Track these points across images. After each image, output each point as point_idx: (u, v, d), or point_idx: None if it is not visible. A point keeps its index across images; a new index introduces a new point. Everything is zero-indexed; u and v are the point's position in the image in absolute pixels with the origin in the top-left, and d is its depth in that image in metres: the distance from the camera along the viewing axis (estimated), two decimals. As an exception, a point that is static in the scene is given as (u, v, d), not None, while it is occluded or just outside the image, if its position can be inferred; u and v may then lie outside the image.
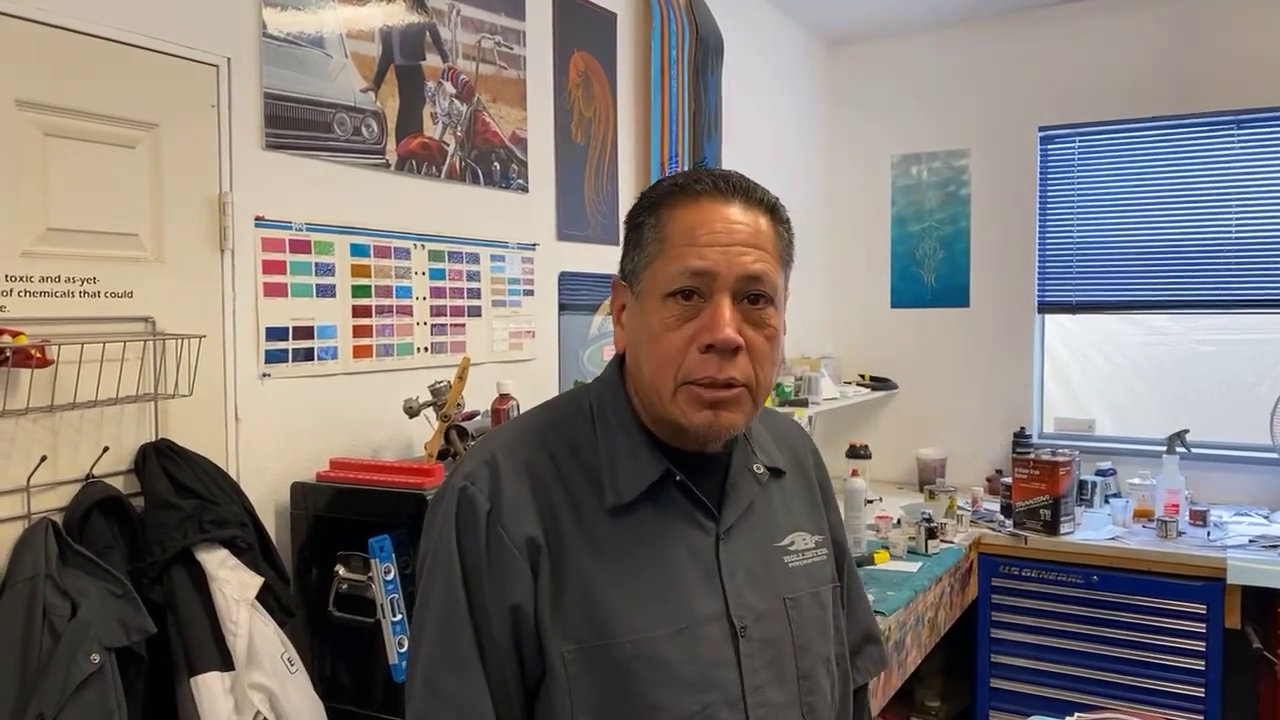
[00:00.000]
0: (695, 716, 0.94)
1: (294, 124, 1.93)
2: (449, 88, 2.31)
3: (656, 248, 0.98)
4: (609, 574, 0.96)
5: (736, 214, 0.98)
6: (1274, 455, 3.41)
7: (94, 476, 1.57)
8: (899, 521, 3.12)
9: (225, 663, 1.54)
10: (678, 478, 1.00)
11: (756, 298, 0.97)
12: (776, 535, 1.07)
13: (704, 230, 0.96)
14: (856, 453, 3.58)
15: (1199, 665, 3.02)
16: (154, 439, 1.67)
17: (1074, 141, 3.92)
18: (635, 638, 0.94)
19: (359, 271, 2.08)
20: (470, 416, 2.11)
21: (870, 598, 2.46)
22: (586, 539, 0.96)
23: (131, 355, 1.62)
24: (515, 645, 0.95)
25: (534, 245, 2.59)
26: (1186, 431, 3.45)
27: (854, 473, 3.11)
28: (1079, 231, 3.93)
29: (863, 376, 4.21)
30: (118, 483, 1.61)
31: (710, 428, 0.96)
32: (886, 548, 2.98)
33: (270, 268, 1.89)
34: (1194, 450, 3.47)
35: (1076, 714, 1.79)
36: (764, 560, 1.04)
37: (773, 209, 1.01)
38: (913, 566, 2.89)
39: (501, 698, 0.94)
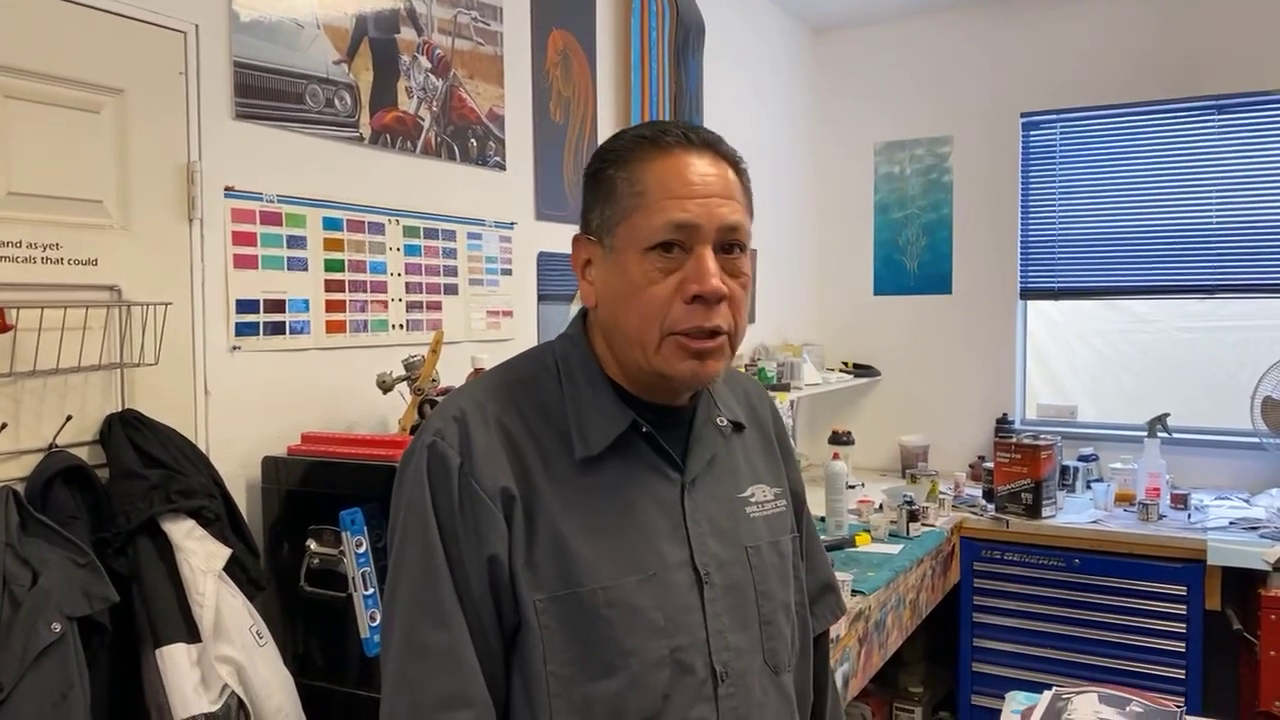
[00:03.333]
0: (664, 660, 0.97)
1: (265, 94, 1.90)
2: (424, 62, 2.28)
3: (634, 201, 0.98)
4: (579, 525, 0.97)
5: (708, 166, 0.99)
6: (1255, 440, 3.42)
7: (57, 446, 1.54)
8: (880, 506, 3.11)
9: (192, 634, 1.51)
10: (644, 429, 1.02)
11: (731, 247, 0.99)
12: (738, 486, 1.09)
13: (681, 183, 0.97)
14: (839, 439, 3.58)
15: (1180, 647, 3.03)
16: (120, 409, 1.64)
17: (1056, 127, 3.92)
18: (605, 585, 0.95)
19: (332, 245, 2.05)
20: (445, 391, 2.09)
21: (851, 577, 2.50)
22: (556, 491, 0.97)
23: (95, 323, 1.59)
24: (493, 595, 0.95)
25: (512, 224, 2.57)
26: (1167, 415, 3.45)
27: (835, 456, 3.10)
28: (1061, 218, 3.93)
29: (845, 363, 4.20)
30: (83, 453, 1.58)
31: (695, 376, 0.99)
32: (868, 530, 2.98)
33: (240, 239, 1.86)
34: (1175, 435, 3.47)
35: (1055, 688, 1.78)
36: (727, 510, 1.06)
37: (736, 161, 1.04)
38: (894, 548, 2.88)
39: (482, 648, 0.95)
